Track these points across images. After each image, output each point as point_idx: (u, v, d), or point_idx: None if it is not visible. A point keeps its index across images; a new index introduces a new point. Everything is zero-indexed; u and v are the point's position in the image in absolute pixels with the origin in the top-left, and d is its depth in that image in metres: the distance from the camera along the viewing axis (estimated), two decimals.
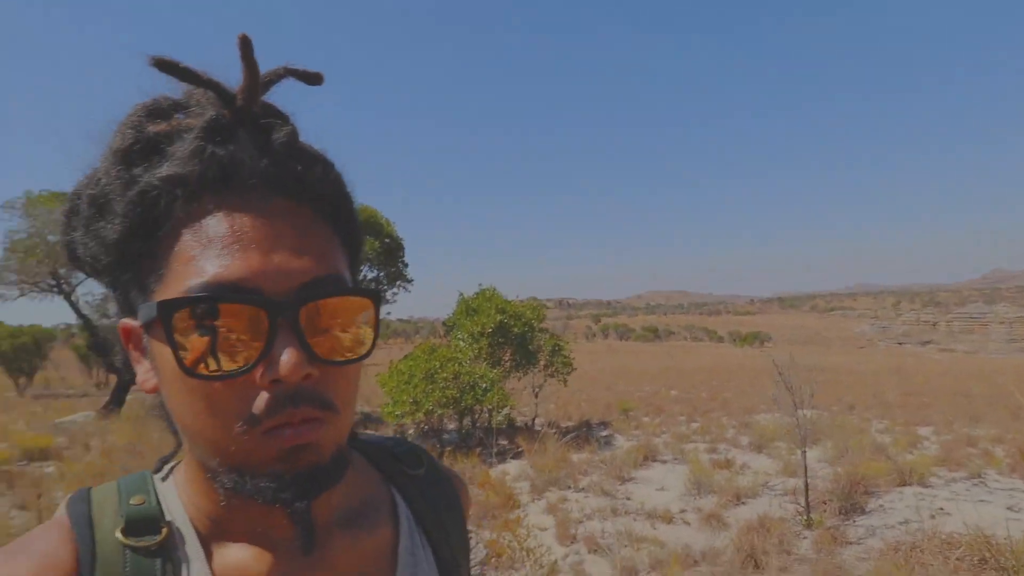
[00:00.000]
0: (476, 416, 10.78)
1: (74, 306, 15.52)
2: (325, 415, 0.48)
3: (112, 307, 0.56)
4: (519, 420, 12.96)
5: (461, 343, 11.07)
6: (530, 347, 11.56)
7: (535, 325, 11.97)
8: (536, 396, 12.70)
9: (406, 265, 14.54)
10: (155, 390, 0.53)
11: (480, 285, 12.34)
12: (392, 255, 14.39)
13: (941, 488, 6.34)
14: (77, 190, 0.54)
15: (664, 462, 9.02)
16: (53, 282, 15.13)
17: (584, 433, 11.35)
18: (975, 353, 52.17)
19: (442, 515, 0.68)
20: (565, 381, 12.91)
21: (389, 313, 15.84)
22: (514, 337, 11.02)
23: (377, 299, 0.53)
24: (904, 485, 6.40)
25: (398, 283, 14.48)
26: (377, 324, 0.54)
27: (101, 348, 15.86)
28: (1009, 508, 5.36)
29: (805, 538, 5.16)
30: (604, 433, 11.83)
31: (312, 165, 0.52)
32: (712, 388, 20.13)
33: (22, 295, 15.34)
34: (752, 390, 18.14)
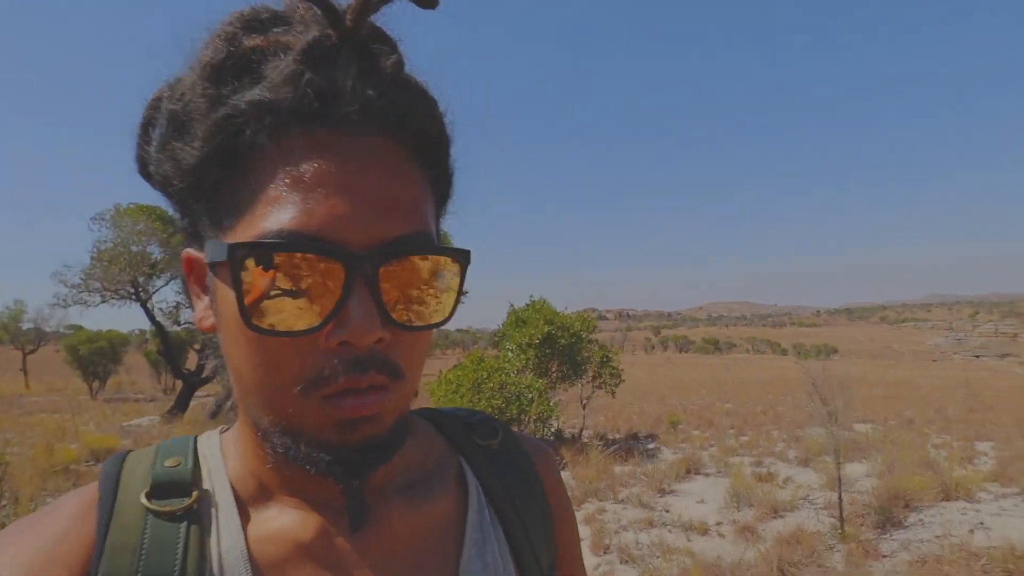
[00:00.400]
0: (523, 427, 11.07)
1: (149, 313, 16.63)
2: (392, 382, 0.45)
3: (178, 305, 0.60)
4: (567, 432, 13.16)
5: (509, 354, 11.39)
6: (578, 358, 11.76)
7: (583, 336, 12.17)
8: (584, 407, 12.89)
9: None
10: (212, 329, 0.50)
11: (531, 296, 12.65)
12: None
13: (989, 503, 6.21)
14: (156, 98, 0.49)
15: (707, 475, 9.06)
16: (132, 290, 16.23)
17: (631, 445, 11.47)
18: None
19: (514, 491, 0.62)
20: (613, 392, 13.06)
21: None
22: (561, 348, 11.25)
23: (465, 261, 0.49)
24: (949, 500, 6.30)
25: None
26: (461, 288, 0.49)
27: (171, 354, 16.97)
28: None
29: (838, 551, 5.20)
30: (651, 445, 11.90)
31: (417, 100, 0.48)
32: (767, 401, 19.76)
33: (103, 301, 16.46)
34: (808, 404, 17.75)
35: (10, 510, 5.98)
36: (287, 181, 0.43)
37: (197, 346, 18.61)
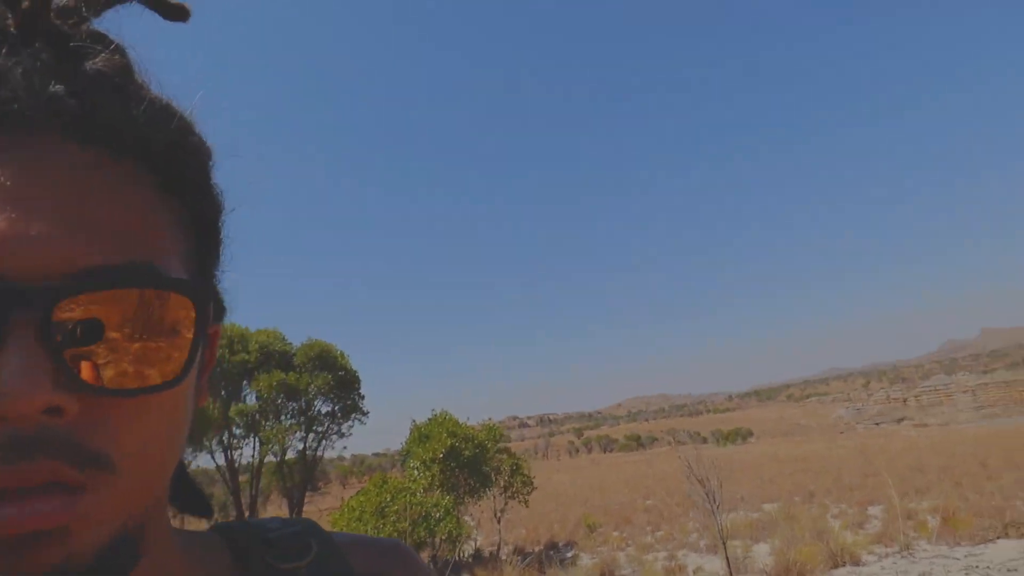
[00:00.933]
0: (435, 549, 10.62)
1: None
2: (89, 476, 0.31)
3: None
4: (486, 550, 12.69)
5: (415, 472, 11.08)
6: (484, 469, 11.61)
7: (489, 447, 12.09)
8: (499, 521, 12.56)
9: (362, 397, 14.73)
10: None
11: (433, 411, 12.53)
12: (347, 388, 14.58)
13: (872, 564, 6.53)
14: None
15: None
16: None
17: (549, 555, 11.21)
18: (947, 425, 52.87)
19: None
20: (526, 502, 12.88)
21: (345, 448, 15.60)
22: (466, 460, 11.10)
23: (202, 299, 0.36)
24: (837, 567, 6.56)
25: (354, 416, 14.61)
26: (198, 336, 0.36)
27: None
28: (921, 575, 5.58)
29: None
30: (569, 553, 11.68)
31: (141, 108, 0.37)
32: (684, 491, 19.97)
33: None
34: (727, 490, 18.20)
35: None
36: None
37: None
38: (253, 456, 13.48)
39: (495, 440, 12.69)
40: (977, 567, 5.53)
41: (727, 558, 5.83)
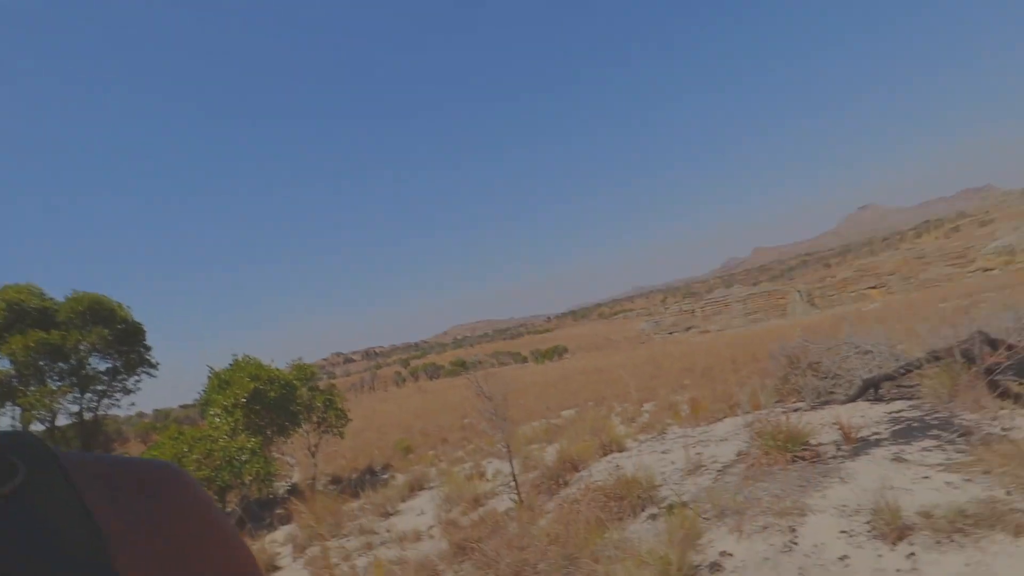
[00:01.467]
0: (246, 489, 10.50)
1: None
2: None
3: None
4: (304, 483, 12.76)
5: (217, 419, 10.68)
6: (293, 408, 11.52)
7: (297, 386, 11.98)
8: (313, 456, 12.63)
9: (148, 349, 13.63)
10: None
11: (234, 356, 12.03)
12: (129, 341, 13.38)
13: (633, 449, 7.68)
14: None
15: (431, 489, 9.59)
16: None
17: (365, 480, 11.58)
18: (723, 330, 61.67)
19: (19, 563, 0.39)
20: (341, 434, 13.06)
21: (133, 404, 14.43)
22: (271, 401, 10.91)
23: None
24: (606, 454, 7.63)
25: (140, 370, 13.51)
26: None
27: None
28: (663, 452, 6.74)
29: (515, 519, 5.99)
30: (385, 476, 12.15)
31: None
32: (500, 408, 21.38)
33: None
34: (537, 402, 19.80)
35: None
36: None
37: None
38: (13, 426, 11.96)
39: (305, 379, 12.60)
40: (704, 441, 6.78)
41: (511, 460, 6.54)
